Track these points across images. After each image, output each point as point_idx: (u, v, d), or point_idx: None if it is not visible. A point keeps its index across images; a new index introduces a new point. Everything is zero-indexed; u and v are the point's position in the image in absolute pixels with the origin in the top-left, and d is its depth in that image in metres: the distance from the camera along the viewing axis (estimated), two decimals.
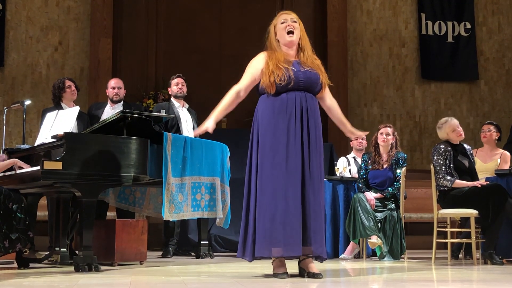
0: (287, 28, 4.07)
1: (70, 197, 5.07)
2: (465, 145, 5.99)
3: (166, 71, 9.53)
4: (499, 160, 6.39)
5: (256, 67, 4.10)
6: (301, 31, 4.14)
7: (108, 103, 6.59)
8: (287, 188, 3.89)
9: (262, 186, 3.95)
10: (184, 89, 6.70)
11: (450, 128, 5.92)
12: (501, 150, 6.52)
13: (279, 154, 3.94)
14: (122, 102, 6.59)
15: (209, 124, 4.05)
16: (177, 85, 6.67)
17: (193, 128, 6.62)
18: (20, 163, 4.69)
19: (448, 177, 5.69)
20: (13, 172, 4.70)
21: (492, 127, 6.48)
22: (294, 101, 4.00)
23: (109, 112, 6.40)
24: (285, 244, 3.85)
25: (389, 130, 6.37)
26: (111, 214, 6.78)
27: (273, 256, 3.94)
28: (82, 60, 9.45)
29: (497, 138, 6.53)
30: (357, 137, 4.32)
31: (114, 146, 4.59)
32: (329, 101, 4.26)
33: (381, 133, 6.37)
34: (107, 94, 6.63)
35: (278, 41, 4.12)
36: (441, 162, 5.75)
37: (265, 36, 4.18)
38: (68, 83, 6.17)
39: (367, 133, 4.45)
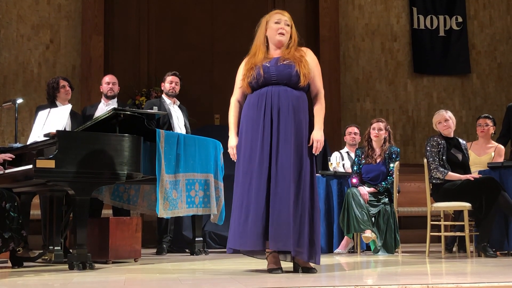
0: (279, 31, 4.11)
1: (63, 195, 5.05)
2: (460, 140, 6.01)
3: (158, 68, 9.53)
4: (493, 153, 6.41)
5: (240, 77, 4.19)
6: (292, 33, 4.17)
7: (102, 99, 6.58)
8: (253, 183, 3.93)
9: (237, 180, 4.05)
10: (177, 88, 6.68)
11: (436, 120, 5.99)
12: (495, 144, 6.53)
13: (250, 148, 4.01)
14: (116, 99, 6.58)
15: (233, 143, 4.14)
16: (170, 83, 6.65)
17: (185, 125, 6.62)
18: (2, 155, 4.68)
19: (441, 169, 5.71)
20: (2, 172, 4.68)
21: (489, 121, 6.49)
22: (265, 96, 4.04)
23: (103, 108, 6.39)
24: (245, 238, 3.90)
25: (382, 125, 6.38)
26: (108, 212, 6.77)
27: (232, 248, 4.00)
28: (73, 58, 9.41)
29: (493, 132, 6.55)
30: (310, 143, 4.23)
31: (107, 143, 4.58)
32: (313, 98, 4.18)
33: (373, 128, 6.37)
34: (101, 90, 6.61)
35: (266, 37, 4.16)
36: (434, 154, 5.76)
37: (255, 29, 4.21)
38: (62, 82, 6.15)
39: (316, 152, 4.29)
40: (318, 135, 4.03)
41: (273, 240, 3.86)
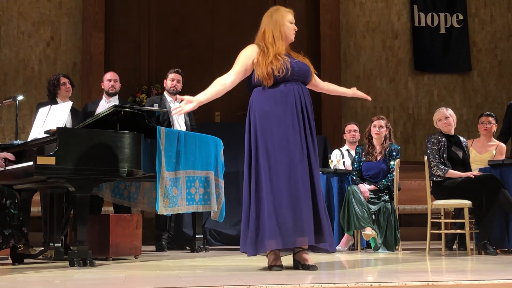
0: (294, 31, 4.20)
1: (63, 192, 5.06)
2: (461, 137, 6.00)
3: (159, 66, 9.53)
4: (494, 151, 6.40)
5: (248, 57, 4.10)
6: None
7: (103, 96, 6.58)
8: (298, 180, 3.89)
9: (267, 179, 3.92)
10: (179, 86, 6.68)
11: (436, 117, 6.00)
12: (497, 142, 6.53)
13: (286, 145, 3.94)
14: (117, 96, 6.58)
15: (191, 98, 3.95)
16: (172, 80, 6.66)
17: (185, 122, 6.61)
18: (2, 154, 4.68)
19: (442, 166, 5.70)
20: (2, 168, 4.68)
21: (492, 119, 6.48)
22: (292, 92, 4.04)
23: (104, 105, 6.39)
24: (299, 235, 3.88)
25: (382, 122, 6.38)
26: (108, 209, 6.77)
27: (276, 248, 3.94)
28: (74, 55, 9.41)
29: (495, 130, 6.55)
30: (360, 96, 4.65)
31: (107, 140, 4.57)
32: (323, 84, 4.43)
33: (374, 126, 6.37)
34: (103, 87, 6.62)
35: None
36: (434, 151, 5.76)
37: (268, 19, 4.16)
38: (63, 80, 6.15)
39: (369, 98, 4.60)
40: (354, 89, 4.67)
41: (318, 234, 3.93)
